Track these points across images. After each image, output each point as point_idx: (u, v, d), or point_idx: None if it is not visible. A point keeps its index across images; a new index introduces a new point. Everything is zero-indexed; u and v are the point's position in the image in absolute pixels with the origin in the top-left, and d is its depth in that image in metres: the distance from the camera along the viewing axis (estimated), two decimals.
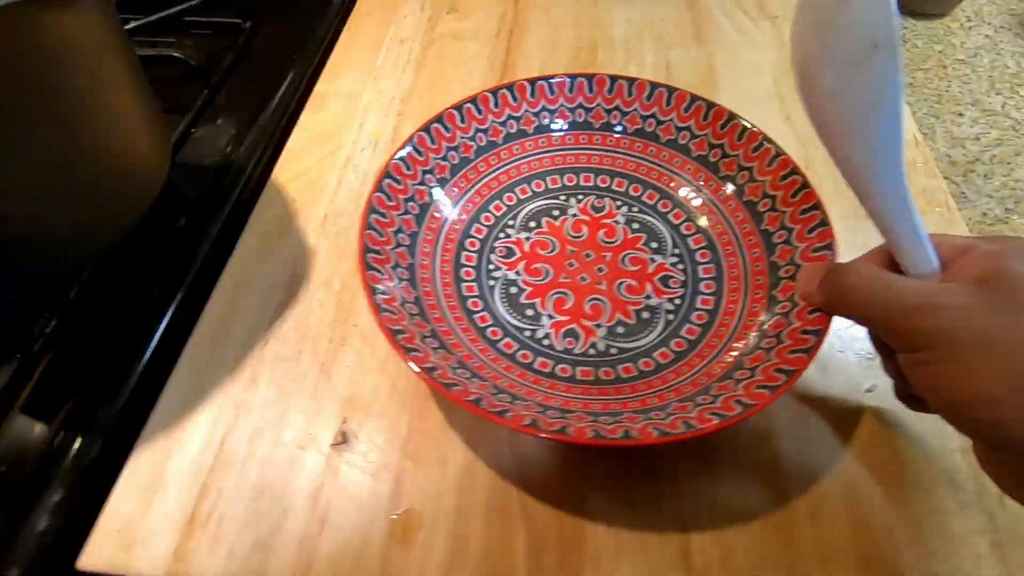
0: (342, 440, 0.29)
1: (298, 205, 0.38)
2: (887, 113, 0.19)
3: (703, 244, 0.33)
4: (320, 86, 0.46)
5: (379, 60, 0.47)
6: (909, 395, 0.26)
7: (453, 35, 0.49)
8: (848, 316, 0.24)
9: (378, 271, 0.28)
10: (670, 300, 0.32)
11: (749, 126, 0.33)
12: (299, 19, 0.52)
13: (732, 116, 0.34)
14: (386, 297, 0.27)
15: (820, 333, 0.25)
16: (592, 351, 0.30)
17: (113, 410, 0.30)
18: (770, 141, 0.32)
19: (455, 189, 0.35)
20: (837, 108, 0.20)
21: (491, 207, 0.35)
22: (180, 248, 0.36)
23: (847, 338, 0.32)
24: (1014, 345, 0.17)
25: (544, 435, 0.23)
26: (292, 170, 0.40)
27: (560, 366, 0.29)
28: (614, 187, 0.36)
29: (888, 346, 0.23)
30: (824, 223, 0.29)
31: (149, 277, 0.35)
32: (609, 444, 0.23)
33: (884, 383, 0.30)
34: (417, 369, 0.24)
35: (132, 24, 0.48)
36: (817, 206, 0.29)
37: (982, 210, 0.34)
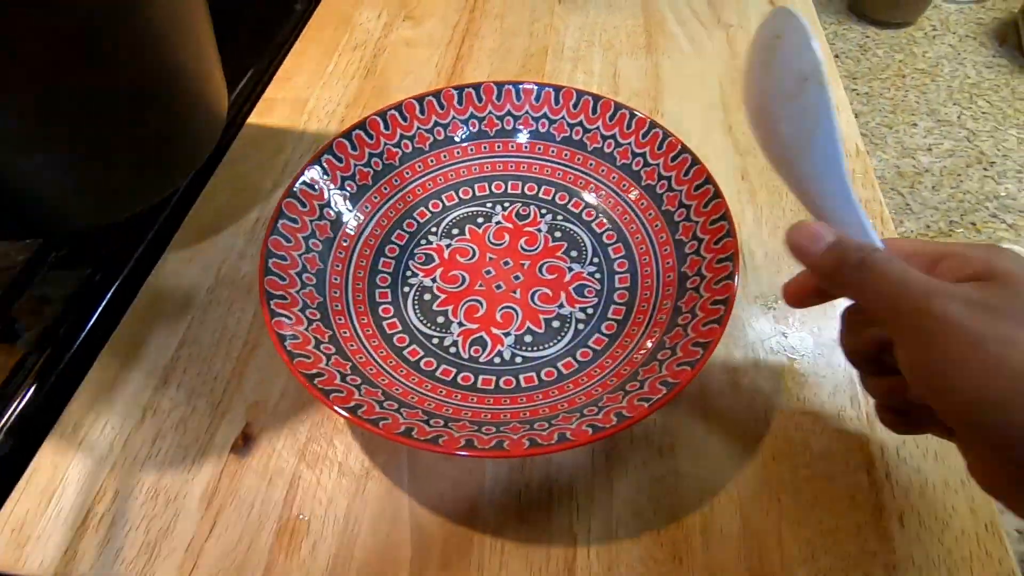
0: (243, 444, 0.29)
1: (231, 209, 0.38)
2: (825, 135, 0.20)
3: (622, 254, 0.33)
4: (269, 92, 0.46)
5: (330, 66, 0.48)
6: (895, 417, 0.24)
7: (406, 42, 0.50)
8: (846, 293, 0.21)
9: (279, 277, 0.28)
10: (582, 309, 0.31)
11: (669, 135, 0.33)
12: (258, 26, 0.52)
13: (653, 124, 0.33)
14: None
15: (708, 345, 0.25)
16: (497, 359, 0.30)
17: (29, 407, 0.31)
18: (688, 151, 0.32)
19: (376, 196, 0.35)
20: (782, 136, 0.21)
21: (415, 213, 0.35)
22: (110, 249, 0.37)
23: (762, 351, 0.31)
24: None
25: (413, 443, 0.23)
26: (230, 174, 0.41)
27: (463, 374, 0.29)
28: (541, 195, 0.36)
29: (873, 362, 0.22)
30: (729, 234, 0.28)
31: (85, 274, 0.35)
32: (476, 455, 0.22)
33: (793, 399, 0.30)
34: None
35: None
36: (725, 217, 0.29)
37: (925, 222, 0.33)
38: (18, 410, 0.31)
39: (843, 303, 0.23)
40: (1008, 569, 0.25)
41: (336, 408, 0.23)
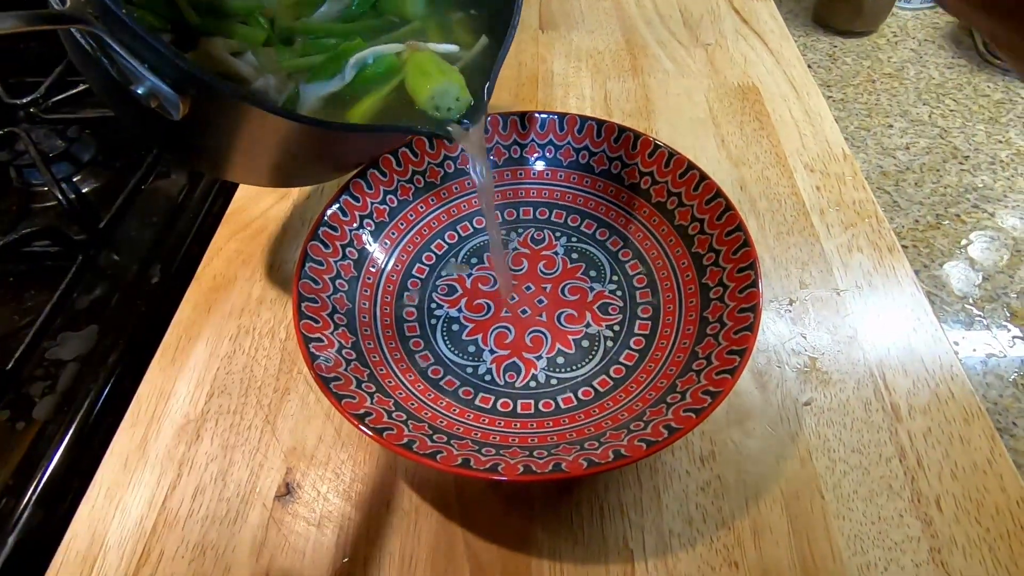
0: (286, 491, 0.29)
1: (245, 256, 0.38)
2: None
3: (639, 270, 0.34)
4: None
5: None
6: None
7: None
8: None
9: (313, 320, 0.28)
10: (609, 327, 0.32)
11: (675, 153, 0.34)
12: None
13: (657, 144, 0.35)
14: (320, 344, 0.27)
15: (744, 353, 0.26)
16: (533, 383, 0.30)
17: (56, 475, 0.30)
18: (695, 166, 0.33)
19: (394, 232, 0.35)
20: None
21: (432, 246, 0.36)
22: (128, 304, 0.36)
23: (784, 353, 0.32)
24: None
25: (474, 473, 0.23)
26: (240, 220, 0.41)
27: (502, 400, 0.30)
28: (553, 219, 0.37)
29: None
30: (746, 244, 0.30)
31: (101, 333, 0.35)
32: (539, 479, 0.23)
33: (820, 396, 0.31)
34: (349, 415, 0.24)
35: (79, 88, 0.49)
36: (740, 227, 0.30)
37: (914, 217, 0.36)
38: (44, 479, 0.30)
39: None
40: None
41: (392, 446, 0.24)
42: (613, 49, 0.52)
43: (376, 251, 0.34)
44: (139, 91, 0.21)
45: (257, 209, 0.41)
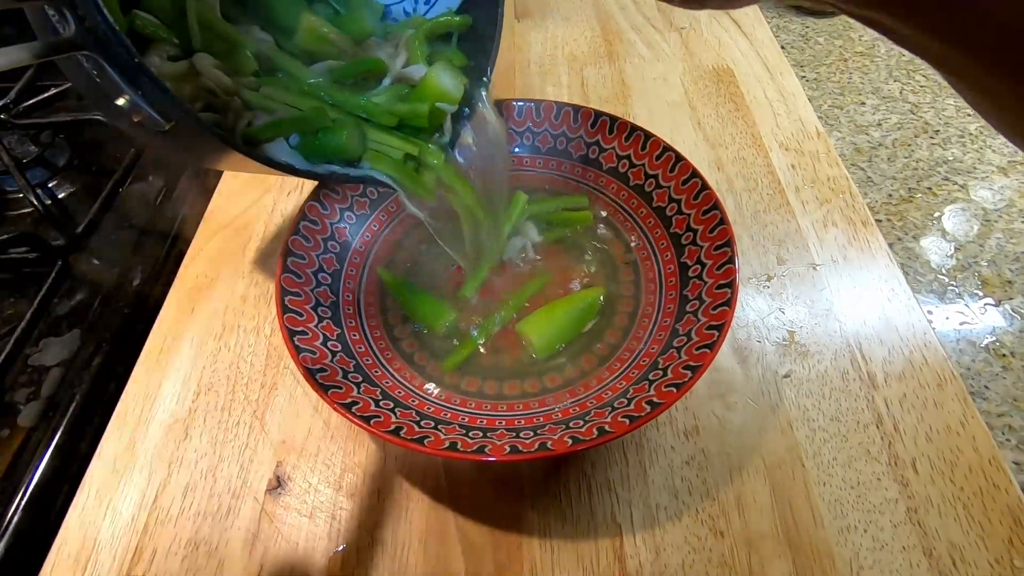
0: (277, 484, 0.29)
1: (227, 254, 0.38)
2: None
3: (621, 252, 0.35)
4: None
5: None
6: None
7: None
8: None
9: (297, 313, 0.29)
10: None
11: (650, 135, 0.35)
12: None
13: (634, 128, 0.35)
14: (305, 338, 0.28)
15: (723, 327, 0.26)
16: (519, 364, 0.31)
17: (44, 479, 0.30)
18: (671, 148, 0.34)
19: (376, 224, 0.35)
20: None
21: (415, 234, 0.36)
22: (109, 307, 0.36)
23: (763, 328, 0.33)
24: None
25: (461, 456, 0.23)
26: (221, 219, 0.40)
27: (488, 382, 0.30)
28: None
29: None
30: (723, 222, 0.30)
31: (84, 337, 0.35)
32: (525, 458, 0.23)
33: (799, 368, 0.31)
34: (335, 405, 0.25)
35: (50, 92, 0.48)
36: (716, 206, 0.31)
37: (887, 192, 0.36)
38: (33, 484, 0.30)
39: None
40: (1015, 497, 0.27)
41: (380, 433, 0.24)
42: (589, 36, 0.53)
43: (358, 243, 0.34)
44: (123, 105, 0.21)
45: (237, 207, 0.41)
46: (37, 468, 0.30)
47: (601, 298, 0.32)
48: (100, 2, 0.18)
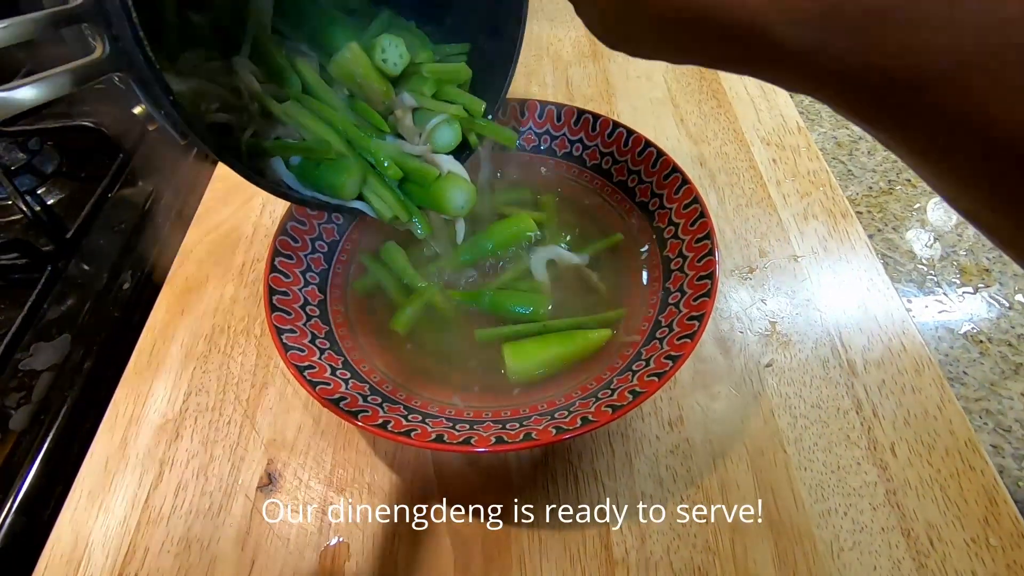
0: (268, 482, 0.29)
1: (216, 257, 0.39)
2: None
3: (605, 247, 0.35)
4: None
5: None
6: None
7: None
8: None
9: (285, 312, 0.29)
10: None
11: (632, 132, 0.35)
12: None
13: (616, 125, 0.36)
14: (293, 336, 0.28)
15: (703, 318, 0.27)
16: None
17: (36, 481, 0.30)
18: (652, 144, 0.34)
19: (363, 223, 0.36)
20: None
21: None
22: (99, 312, 0.36)
23: (746, 318, 0.34)
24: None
25: (447, 447, 0.24)
26: (209, 222, 0.41)
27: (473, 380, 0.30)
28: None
29: None
30: (703, 215, 0.31)
31: (74, 341, 0.35)
32: (511, 448, 0.24)
33: (781, 357, 0.32)
34: (323, 400, 0.25)
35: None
36: (696, 199, 0.31)
37: (868, 184, 0.37)
38: (25, 487, 0.30)
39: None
40: (990, 479, 0.27)
41: (367, 427, 0.24)
42: (573, 36, 0.53)
43: (345, 242, 0.35)
44: (139, 114, 0.22)
45: (226, 210, 0.41)
46: (29, 472, 0.30)
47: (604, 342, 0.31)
48: (140, 33, 0.18)
